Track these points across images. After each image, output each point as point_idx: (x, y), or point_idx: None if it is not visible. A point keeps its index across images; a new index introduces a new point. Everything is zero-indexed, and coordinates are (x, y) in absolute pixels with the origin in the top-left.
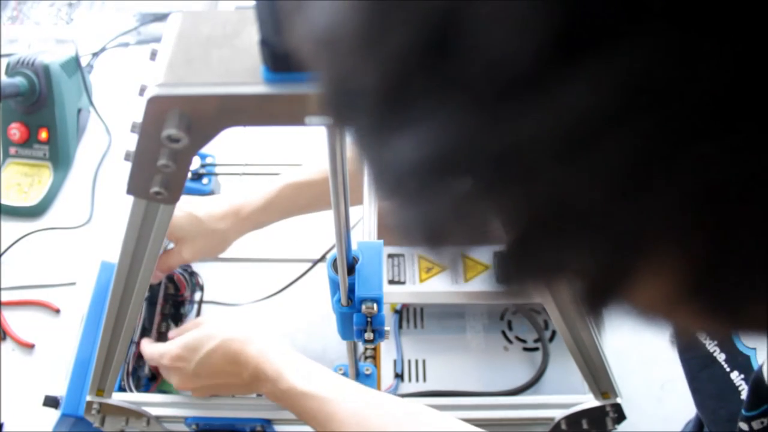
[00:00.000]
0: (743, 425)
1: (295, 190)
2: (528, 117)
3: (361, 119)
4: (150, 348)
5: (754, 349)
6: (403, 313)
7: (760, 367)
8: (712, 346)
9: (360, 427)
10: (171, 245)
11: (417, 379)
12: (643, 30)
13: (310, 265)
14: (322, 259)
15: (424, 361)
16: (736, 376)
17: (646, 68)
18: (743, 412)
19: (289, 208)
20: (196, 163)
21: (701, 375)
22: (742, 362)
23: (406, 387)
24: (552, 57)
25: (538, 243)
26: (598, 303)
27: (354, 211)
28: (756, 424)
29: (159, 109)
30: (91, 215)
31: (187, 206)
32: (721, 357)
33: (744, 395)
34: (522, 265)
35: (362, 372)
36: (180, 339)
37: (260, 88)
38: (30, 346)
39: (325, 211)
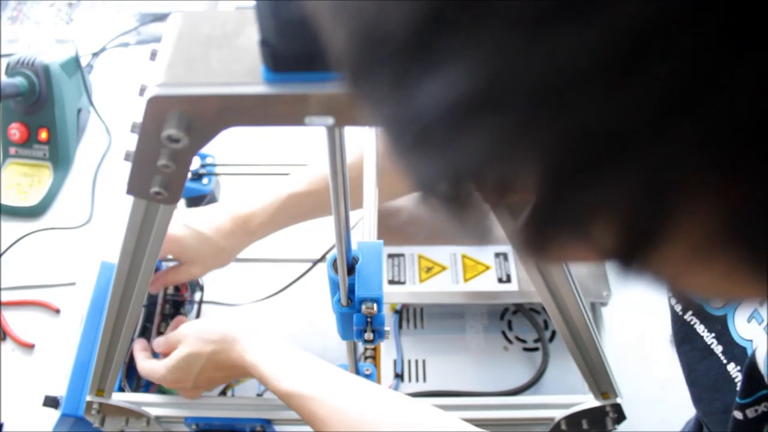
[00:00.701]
0: (738, 414)
1: (300, 198)
2: (569, 39)
3: (383, 72)
4: (145, 368)
5: (750, 340)
6: (403, 313)
7: (754, 353)
8: (709, 339)
9: (342, 426)
10: (173, 262)
11: (417, 379)
12: None
13: (310, 265)
14: (322, 259)
15: (424, 361)
16: (732, 368)
17: None
18: (737, 400)
19: (294, 216)
20: (196, 163)
21: (698, 367)
22: (738, 354)
23: (406, 387)
24: None
25: (574, 184)
26: (631, 255)
27: (354, 212)
28: (750, 412)
29: (159, 109)
30: (91, 215)
31: (192, 223)
32: (718, 349)
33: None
34: (549, 223)
35: (362, 372)
36: (169, 363)
37: (260, 88)
38: (30, 346)
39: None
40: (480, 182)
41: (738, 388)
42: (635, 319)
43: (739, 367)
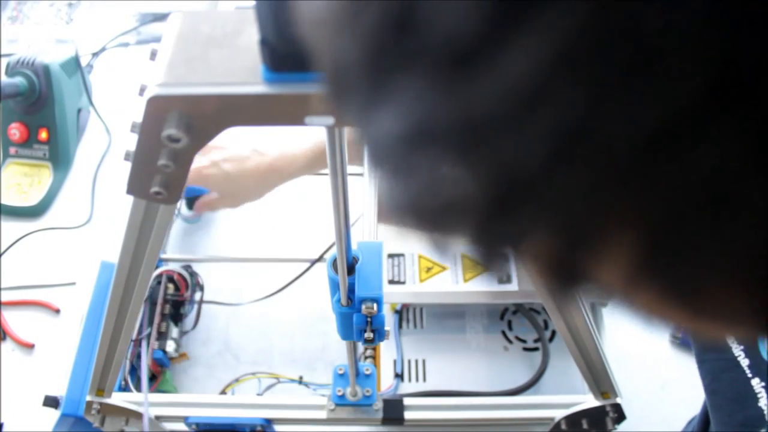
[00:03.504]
0: None
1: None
2: (478, 85)
3: (354, 97)
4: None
5: None
6: (403, 313)
7: None
8: (737, 351)
9: None
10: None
11: (417, 379)
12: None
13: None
14: (321, 258)
15: (424, 361)
16: (756, 383)
17: (580, 30)
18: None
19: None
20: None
21: (723, 377)
22: (765, 370)
23: (406, 387)
24: (496, 27)
25: (501, 214)
26: (562, 279)
27: (353, 213)
28: None
29: (159, 109)
30: (91, 215)
31: (223, 162)
32: (745, 362)
33: (763, 402)
34: (490, 239)
35: (362, 372)
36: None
37: (260, 88)
38: (30, 346)
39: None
40: (430, 205)
41: (760, 404)
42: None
43: (763, 384)
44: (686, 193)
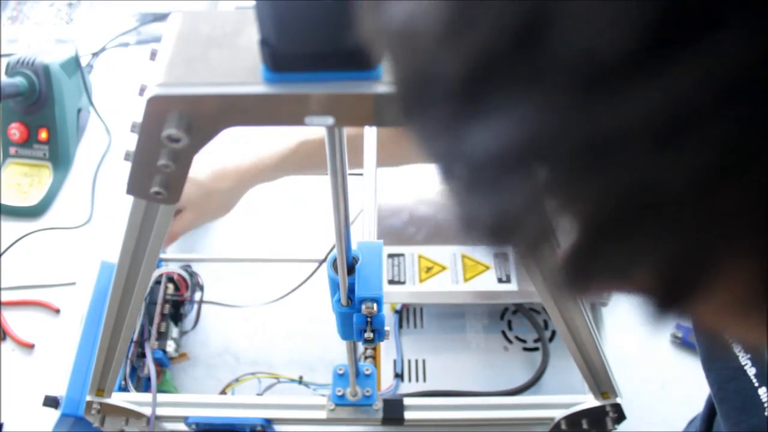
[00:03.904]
0: None
1: (313, 147)
2: (618, 106)
3: (435, 110)
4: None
5: None
6: (403, 313)
7: None
8: (744, 359)
9: None
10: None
11: (417, 379)
12: (740, 23)
13: (309, 265)
14: (326, 260)
15: (424, 361)
16: (763, 392)
17: (744, 61)
18: None
19: (302, 166)
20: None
21: (729, 386)
22: None
23: (406, 387)
24: (646, 48)
25: (610, 240)
26: (668, 302)
27: (353, 212)
28: None
29: (159, 109)
30: (91, 215)
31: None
32: (751, 371)
33: None
34: (590, 264)
35: (362, 372)
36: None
37: (260, 88)
38: (30, 346)
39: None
40: (524, 223)
41: (767, 414)
42: (635, 319)
43: None
44: None
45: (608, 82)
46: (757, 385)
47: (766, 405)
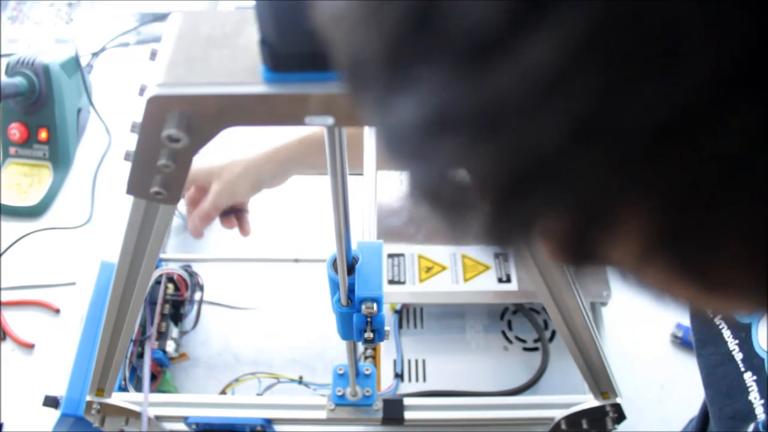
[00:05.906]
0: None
1: (311, 143)
2: (497, 73)
3: (371, 88)
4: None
5: None
6: (403, 313)
7: None
8: (732, 344)
9: None
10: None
11: (417, 379)
12: None
13: (309, 265)
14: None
15: (424, 361)
16: (749, 377)
17: (599, 21)
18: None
19: (303, 165)
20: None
21: (717, 371)
22: (757, 364)
23: (406, 387)
24: (515, 18)
25: (516, 196)
26: (575, 258)
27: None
28: None
29: (159, 109)
30: (91, 215)
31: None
32: (738, 356)
33: (753, 396)
34: (507, 219)
35: (362, 372)
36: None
37: (260, 88)
38: (30, 346)
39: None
40: (446, 190)
41: (749, 398)
42: (635, 319)
43: (755, 377)
44: (698, 174)
45: (486, 52)
46: (743, 369)
47: (750, 389)
